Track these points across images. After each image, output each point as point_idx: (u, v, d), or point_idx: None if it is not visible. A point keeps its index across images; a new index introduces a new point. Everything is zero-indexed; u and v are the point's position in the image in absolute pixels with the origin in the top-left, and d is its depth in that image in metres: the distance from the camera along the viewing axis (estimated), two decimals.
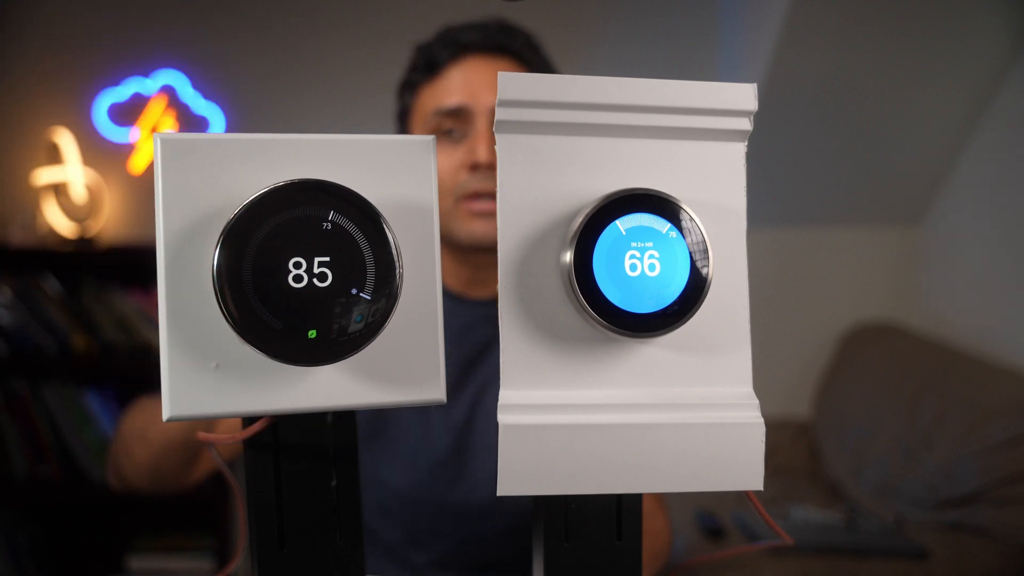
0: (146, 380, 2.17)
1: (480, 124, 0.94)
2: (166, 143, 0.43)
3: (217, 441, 0.47)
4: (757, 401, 0.49)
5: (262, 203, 0.42)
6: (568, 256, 0.45)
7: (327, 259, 0.43)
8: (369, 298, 0.43)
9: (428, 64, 0.99)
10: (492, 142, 0.93)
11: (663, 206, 0.46)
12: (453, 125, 0.95)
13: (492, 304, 1.01)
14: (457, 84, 0.95)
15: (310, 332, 0.42)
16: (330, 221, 0.43)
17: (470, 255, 0.99)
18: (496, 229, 1.00)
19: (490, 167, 0.93)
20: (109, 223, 2.35)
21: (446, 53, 0.97)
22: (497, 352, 0.98)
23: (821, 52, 2.10)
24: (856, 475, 2.07)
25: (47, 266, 2.26)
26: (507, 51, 0.98)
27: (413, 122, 1.01)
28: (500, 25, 1.00)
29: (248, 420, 0.46)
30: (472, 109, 0.94)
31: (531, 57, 1.00)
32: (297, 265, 0.42)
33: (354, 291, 0.43)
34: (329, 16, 2.39)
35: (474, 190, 0.94)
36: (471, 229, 0.95)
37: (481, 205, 0.94)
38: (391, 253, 0.44)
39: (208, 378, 0.43)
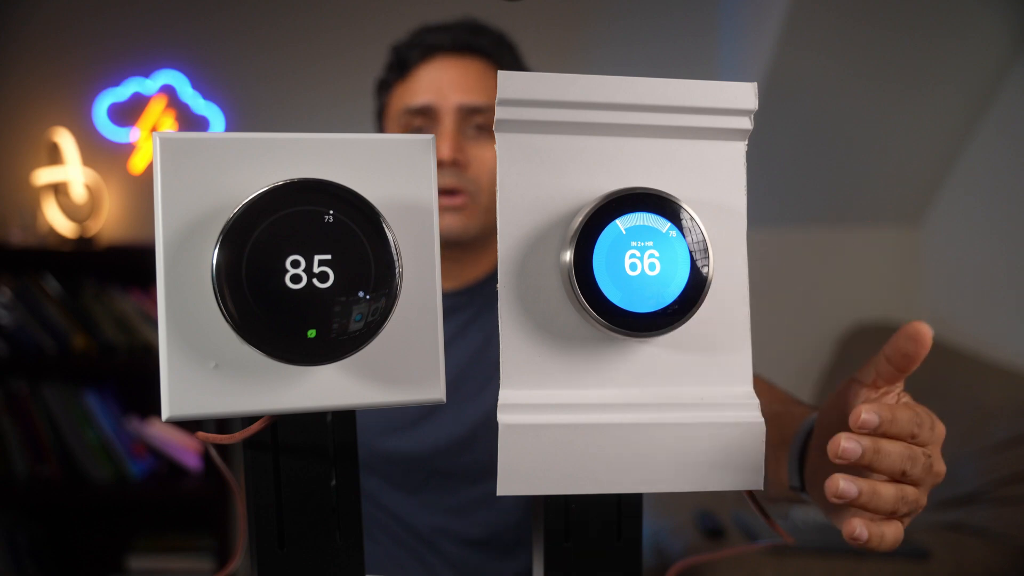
0: (146, 380, 2.17)
1: (446, 122, 0.97)
2: (166, 143, 0.43)
3: (217, 441, 0.47)
4: (757, 401, 0.48)
5: (261, 202, 0.42)
6: (568, 255, 0.45)
7: (327, 258, 0.43)
8: (369, 297, 0.43)
9: (400, 64, 1.02)
10: (456, 141, 0.96)
11: (663, 205, 0.46)
12: (421, 123, 0.99)
13: (451, 296, 1.03)
14: (425, 84, 0.98)
15: (309, 332, 0.42)
16: (330, 220, 0.43)
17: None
18: (460, 222, 1.01)
19: (453, 164, 0.96)
20: (109, 223, 2.35)
21: (416, 53, 1.00)
22: (461, 346, 1.02)
23: (821, 52, 2.10)
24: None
25: (47, 266, 2.26)
26: (475, 51, 1.00)
27: (387, 120, 1.05)
28: (471, 25, 1.03)
29: (247, 420, 0.46)
30: (438, 108, 0.97)
31: (502, 56, 1.02)
32: (296, 264, 0.42)
33: (354, 291, 0.43)
34: (330, 16, 2.39)
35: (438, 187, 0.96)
36: None
37: (444, 200, 0.97)
38: (391, 252, 0.44)
39: (207, 378, 0.43)
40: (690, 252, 0.46)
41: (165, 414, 0.43)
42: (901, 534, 0.51)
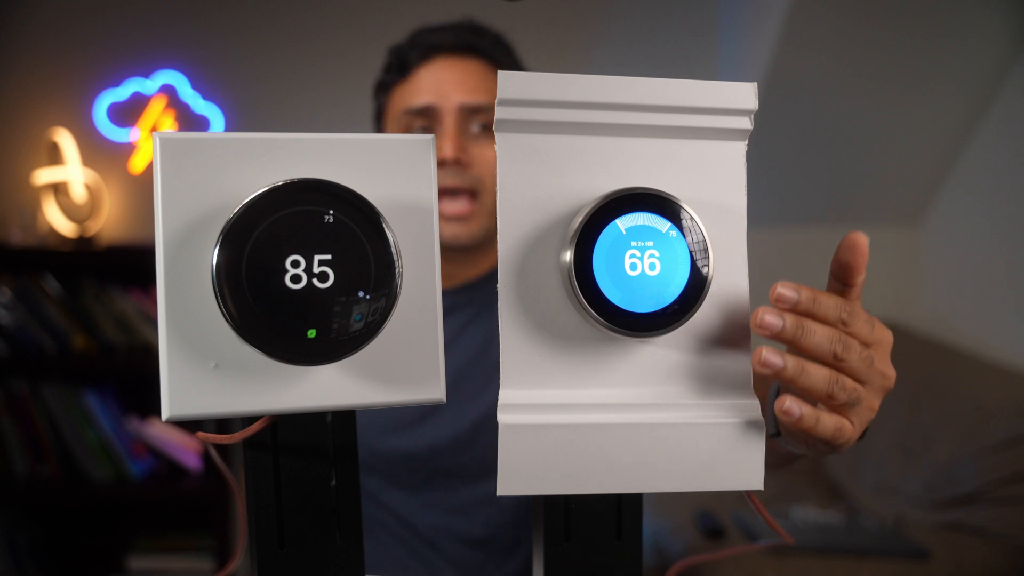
0: (146, 380, 2.17)
1: (447, 122, 0.97)
2: (165, 143, 0.43)
3: (217, 441, 0.47)
4: (757, 401, 0.48)
5: (261, 202, 0.42)
6: (568, 255, 0.45)
7: (327, 258, 0.43)
8: (369, 297, 0.43)
9: (400, 65, 1.02)
10: (459, 140, 0.96)
11: (663, 205, 0.46)
12: (423, 124, 0.99)
13: (451, 295, 1.03)
14: (426, 84, 0.99)
15: (309, 332, 0.42)
16: (330, 220, 0.43)
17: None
18: (467, 231, 1.00)
19: (456, 163, 0.96)
20: (109, 223, 2.35)
21: (416, 54, 1.00)
22: (461, 346, 1.02)
23: (821, 51, 2.10)
24: (856, 475, 2.07)
25: (47, 266, 2.26)
26: (476, 51, 1.00)
27: (386, 121, 1.05)
28: (470, 26, 1.03)
29: (247, 420, 0.46)
30: (440, 108, 0.97)
31: (501, 57, 1.02)
32: (296, 264, 0.42)
33: (354, 291, 0.43)
34: (330, 16, 2.39)
35: (441, 186, 0.96)
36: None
37: (453, 207, 0.97)
38: (391, 253, 0.44)
39: (207, 378, 0.43)
40: (690, 252, 0.46)
41: (165, 414, 0.43)
42: (845, 426, 0.50)
